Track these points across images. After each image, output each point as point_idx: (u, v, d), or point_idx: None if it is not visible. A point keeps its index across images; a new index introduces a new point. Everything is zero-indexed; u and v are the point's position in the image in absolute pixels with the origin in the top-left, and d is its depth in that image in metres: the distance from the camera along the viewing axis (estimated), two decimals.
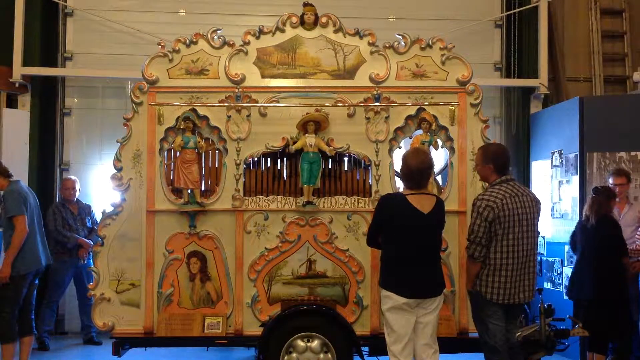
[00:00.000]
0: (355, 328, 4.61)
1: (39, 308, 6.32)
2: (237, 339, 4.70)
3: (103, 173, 6.51)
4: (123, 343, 4.68)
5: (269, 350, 4.49)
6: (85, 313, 6.51)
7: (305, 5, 4.82)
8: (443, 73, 4.79)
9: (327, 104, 4.72)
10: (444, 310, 4.39)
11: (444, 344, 4.16)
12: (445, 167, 4.93)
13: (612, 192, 5.29)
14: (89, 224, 6.67)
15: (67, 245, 6.46)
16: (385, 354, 4.01)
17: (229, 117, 4.72)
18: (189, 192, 4.68)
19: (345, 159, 4.90)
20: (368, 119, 4.75)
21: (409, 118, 4.77)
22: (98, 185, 7.13)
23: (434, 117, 4.73)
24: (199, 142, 4.69)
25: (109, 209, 4.71)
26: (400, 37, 4.85)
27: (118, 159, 4.69)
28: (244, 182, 4.75)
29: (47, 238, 5.68)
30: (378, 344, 4.46)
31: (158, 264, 4.68)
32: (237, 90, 4.73)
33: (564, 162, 6.46)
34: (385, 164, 4.75)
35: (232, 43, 4.78)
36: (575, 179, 6.25)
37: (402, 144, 4.87)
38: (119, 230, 4.67)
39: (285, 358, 4.48)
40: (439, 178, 5.04)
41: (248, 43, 4.78)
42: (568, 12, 7.91)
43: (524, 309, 4.68)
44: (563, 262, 6.29)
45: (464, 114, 4.75)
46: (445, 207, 4.18)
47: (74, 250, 6.50)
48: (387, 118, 4.75)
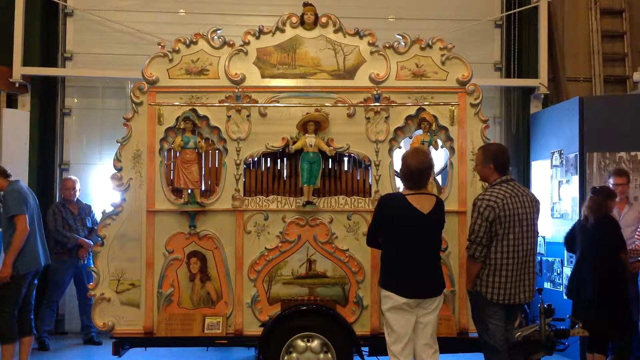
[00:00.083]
0: (355, 328, 4.61)
1: (39, 308, 6.33)
2: (237, 339, 4.70)
3: (103, 173, 6.50)
4: (123, 343, 4.68)
5: (269, 350, 4.49)
6: (85, 313, 6.50)
7: (305, 5, 4.82)
8: (443, 73, 4.79)
9: (327, 104, 4.72)
10: (444, 310, 4.39)
11: (444, 344, 4.15)
12: (445, 167, 4.93)
13: (611, 192, 5.28)
14: (89, 224, 6.66)
15: (67, 245, 6.46)
16: (385, 354, 4.01)
17: (229, 117, 4.72)
18: (189, 192, 4.68)
19: (345, 159, 4.90)
20: (368, 119, 4.75)
21: (409, 118, 4.77)
22: (98, 185, 7.13)
23: (434, 117, 4.73)
24: (199, 142, 4.69)
25: (109, 209, 4.71)
26: (400, 37, 4.85)
27: (118, 159, 4.69)
28: (244, 182, 4.75)
29: (47, 238, 5.68)
30: (378, 344, 4.46)
31: (158, 264, 4.68)
32: (237, 90, 4.73)
33: (564, 162, 6.46)
34: (385, 164, 4.75)
35: (232, 43, 4.78)
36: (575, 179, 6.24)
37: (402, 144, 4.87)
38: (119, 230, 4.67)
39: (285, 358, 4.48)
40: (439, 178, 5.04)
41: (248, 43, 4.78)
42: (568, 12, 7.90)
43: (524, 309, 4.68)
44: (563, 262, 6.28)
45: (464, 114, 4.75)
46: (445, 207, 4.18)
47: (74, 250, 6.50)
48: (387, 118, 4.75)
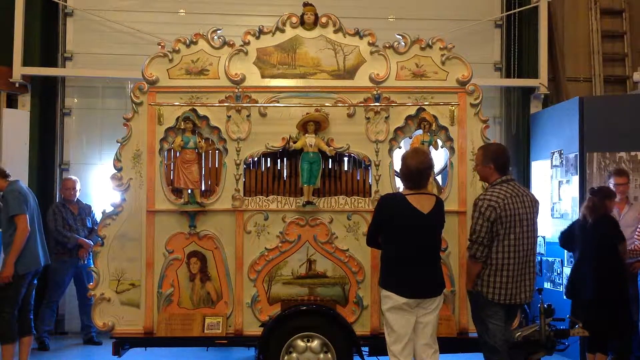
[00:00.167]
0: (355, 328, 4.61)
1: (39, 308, 6.33)
2: (237, 339, 4.70)
3: (103, 173, 6.50)
4: (123, 343, 4.68)
5: (269, 350, 4.49)
6: (85, 313, 6.50)
7: (305, 5, 4.81)
8: (443, 73, 4.79)
9: (327, 104, 4.72)
10: (444, 310, 4.39)
11: (444, 344, 4.15)
12: (445, 167, 4.93)
13: (609, 192, 5.25)
14: (89, 224, 6.66)
15: (67, 246, 6.46)
16: (385, 354, 4.01)
17: (229, 117, 4.72)
18: (189, 192, 4.68)
19: (345, 159, 4.90)
20: (368, 119, 4.75)
21: (409, 118, 4.77)
22: (98, 185, 7.13)
23: (434, 117, 4.73)
24: (199, 142, 4.69)
25: (109, 209, 4.71)
26: (400, 37, 4.85)
27: (118, 159, 4.69)
28: (244, 182, 4.75)
29: (47, 238, 5.68)
30: (378, 344, 4.46)
31: (158, 264, 4.68)
32: (237, 90, 4.73)
33: (564, 162, 6.46)
34: (385, 164, 4.75)
35: (232, 43, 4.78)
36: (575, 179, 6.24)
37: (402, 144, 4.87)
38: (119, 230, 4.67)
39: (285, 358, 4.48)
40: (439, 178, 5.04)
41: (248, 43, 4.78)
42: (568, 12, 7.90)
43: (524, 309, 4.68)
44: (563, 262, 6.28)
45: (464, 114, 4.75)
46: (445, 207, 4.18)
47: (74, 251, 6.50)
48: (387, 118, 4.75)
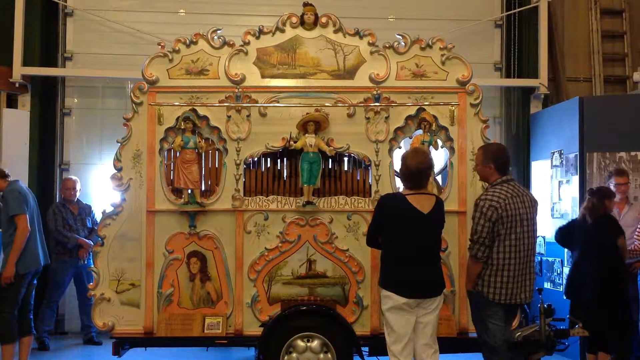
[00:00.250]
0: (355, 328, 4.60)
1: (39, 308, 6.33)
2: (237, 339, 4.70)
3: (103, 173, 6.50)
4: (123, 343, 4.68)
5: (269, 350, 4.49)
6: (85, 313, 6.50)
7: (305, 5, 4.81)
8: (443, 73, 4.79)
9: (327, 104, 4.72)
10: (444, 310, 4.39)
11: (444, 344, 4.15)
12: (445, 167, 4.93)
13: (608, 192, 5.24)
14: (89, 224, 6.66)
15: (67, 246, 6.45)
16: (385, 354, 4.02)
17: (229, 117, 4.72)
18: (189, 192, 4.68)
19: (345, 159, 4.90)
20: (368, 119, 4.75)
21: (409, 118, 4.77)
22: (98, 185, 7.13)
23: (434, 117, 4.73)
24: (199, 142, 4.69)
25: (109, 209, 4.71)
26: (400, 37, 4.85)
27: (118, 159, 4.69)
28: (244, 182, 4.75)
29: (47, 238, 5.68)
30: (378, 344, 4.46)
31: (158, 264, 4.68)
32: (237, 90, 4.73)
33: (564, 162, 6.46)
34: (385, 164, 4.75)
35: (232, 43, 4.78)
36: (575, 179, 6.24)
37: (402, 144, 4.87)
38: (119, 230, 4.67)
39: (285, 358, 4.48)
40: (439, 178, 5.04)
41: (248, 43, 4.78)
42: (568, 12, 7.90)
43: (524, 309, 4.67)
44: (563, 262, 6.28)
45: (464, 114, 4.75)
46: (445, 207, 4.18)
47: (74, 251, 6.50)
48: (387, 118, 4.75)
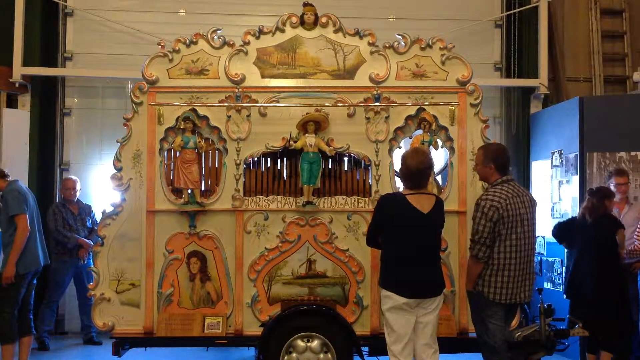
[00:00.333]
0: (355, 328, 4.60)
1: (39, 308, 6.33)
2: (237, 339, 4.70)
3: (103, 173, 6.50)
4: (123, 343, 4.67)
5: (269, 350, 4.48)
6: (85, 313, 6.50)
7: (305, 5, 4.81)
8: (443, 73, 4.79)
9: (327, 104, 4.72)
10: (444, 310, 4.39)
11: (444, 344, 4.16)
12: (445, 167, 4.93)
13: (608, 192, 5.24)
14: (89, 224, 6.66)
15: (67, 246, 6.45)
16: (385, 354, 4.02)
17: (229, 117, 4.72)
18: (189, 192, 4.68)
19: (345, 159, 4.90)
20: (368, 119, 4.75)
21: (409, 118, 4.77)
22: (98, 185, 7.13)
23: (434, 117, 4.73)
24: (199, 142, 4.69)
25: (109, 209, 4.71)
26: (400, 37, 4.85)
27: (118, 159, 4.69)
28: (244, 182, 4.75)
29: (47, 238, 5.68)
30: (378, 344, 4.46)
31: (158, 264, 4.68)
32: (237, 90, 4.73)
33: (564, 162, 6.46)
34: (385, 164, 4.75)
35: (232, 43, 4.78)
36: (575, 179, 6.24)
37: (402, 144, 4.87)
38: (119, 230, 4.67)
39: (285, 358, 4.48)
40: (439, 178, 5.04)
41: (248, 43, 4.78)
42: (568, 12, 7.90)
43: (524, 309, 4.67)
44: (563, 262, 6.28)
45: (464, 114, 4.75)
46: (445, 207, 4.19)
47: (74, 251, 6.50)
48: (387, 118, 4.75)
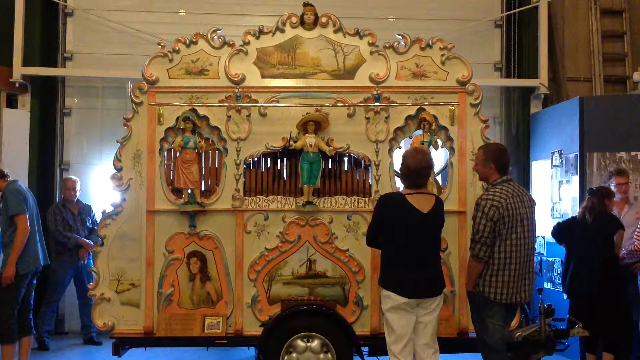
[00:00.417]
0: (355, 328, 4.61)
1: (39, 308, 6.32)
2: (237, 339, 4.70)
3: (103, 173, 6.51)
4: (123, 343, 4.68)
5: (269, 350, 4.49)
6: (85, 313, 6.50)
7: (305, 5, 4.82)
8: (443, 73, 4.79)
9: (327, 104, 4.72)
10: (444, 310, 4.39)
11: (444, 344, 4.16)
12: (445, 167, 4.93)
13: (608, 191, 5.24)
14: (89, 224, 6.66)
15: (67, 246, 6.45)
16: (385, 354, 4.02)
17: (229, 117, 4.72)
18: (189, 192, 4.68)
19: (345, 159, 4.90)
20: (368, 119, 4.75)
21: (409, 118, 4.77)
22: (98, 185, 7.13)
23: (434, 117, 4.73)
24: (199, 142, 4.69)
25: (109, 209, 4.72)
26: (400, 37, 4.85)
27: (118, 159, 4.69)
28: (244, 182, 4.75)
29: (47, 238, 5.67)
30: (378, 344, 4.46)
31: (158, 264, 4.68)
32: (237, 90, 4.73)
33: (564, 162, 6.46)
34: (385, 164, 4.75)
35: (232, 43, 4.78)
36: (575, 179, 6.24)
37: (402, 144, 4.87)
38: (119, 230, 4.68)
39: (285, 358, 4.48)
40: (439, 178, 5.04)
41: (248, 43, 4.78)
42: (568, 12, 7.89)
43: (524, 309, 4.67)
44: (563, 262, 6.27)
45: (464, 114, 4.75)
46: (445, 207, 4.20)
47: (74, 251, 6.49)
48: (387, 118, 4.75)
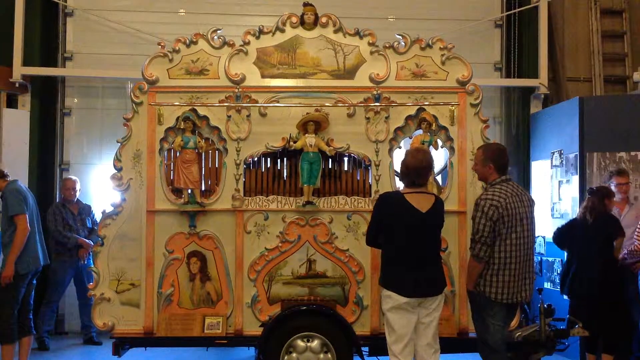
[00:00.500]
0: (355, 328, 4.61)
1: (39, 308, 6.32)
2: (237, 339, 4.70)
3: (103, 173, 6.50)
4: (123, 343, 4.68)
5: (269, 350, 4.49)
6: (85, 313, 6.50)
7: (305, 5, 4.82)
8: (443, 73, 4.79)
9: (327, 104, 4.72)
10: (444, 310, 4.38)
11: (444, 344, 4.15)
12: (445, 167, 4.93)
13: (608, 191, 5.24)
14: (89, 224, 6.66)
15: (67, 246, 6.45)
16: (385, 354, 4.02)
17: (229, 117, 4.72)
18: (189, 192, 4.68)
19: (345, 159, 4.90)
20: (368, 119, 4.75)
21: (409, 118, 4.77)
22: (98, 185, 7.13)
23: (434, 117, 4.73)
24: (199, 142, 4.69)
25: (109, 209, 4.72)
26: (400, 37, 4.85)
27: (118, 159, 4.69)
28: (244, 182, 4.75)
29: (47, 238, 5.67)
30: (378, 344, 4.46)
31: (158, 264, 4.68)
32: (237, 90, 4.73)
33: (564, 162, 6.46)
34: (385, 164, 4.75)
35: (232, 43, 4.78)
36: (575, 179, 6.24)
37: (402, 144, 4.87)
38: (119, 230, 4.68)
39: (285, 358, 4.48)
40: (439, 178, 5.04)
41: (248, 43, 4.78)
42: (568, 12, 7.89)
43: (524, 309, 4.67)
44: (563, 262, 6.27)
45: (464, 114, 4.75)
46: (445, 207, 4.20)
47: (74, 251, 6.49)
48: (387, 118, 4.75)
